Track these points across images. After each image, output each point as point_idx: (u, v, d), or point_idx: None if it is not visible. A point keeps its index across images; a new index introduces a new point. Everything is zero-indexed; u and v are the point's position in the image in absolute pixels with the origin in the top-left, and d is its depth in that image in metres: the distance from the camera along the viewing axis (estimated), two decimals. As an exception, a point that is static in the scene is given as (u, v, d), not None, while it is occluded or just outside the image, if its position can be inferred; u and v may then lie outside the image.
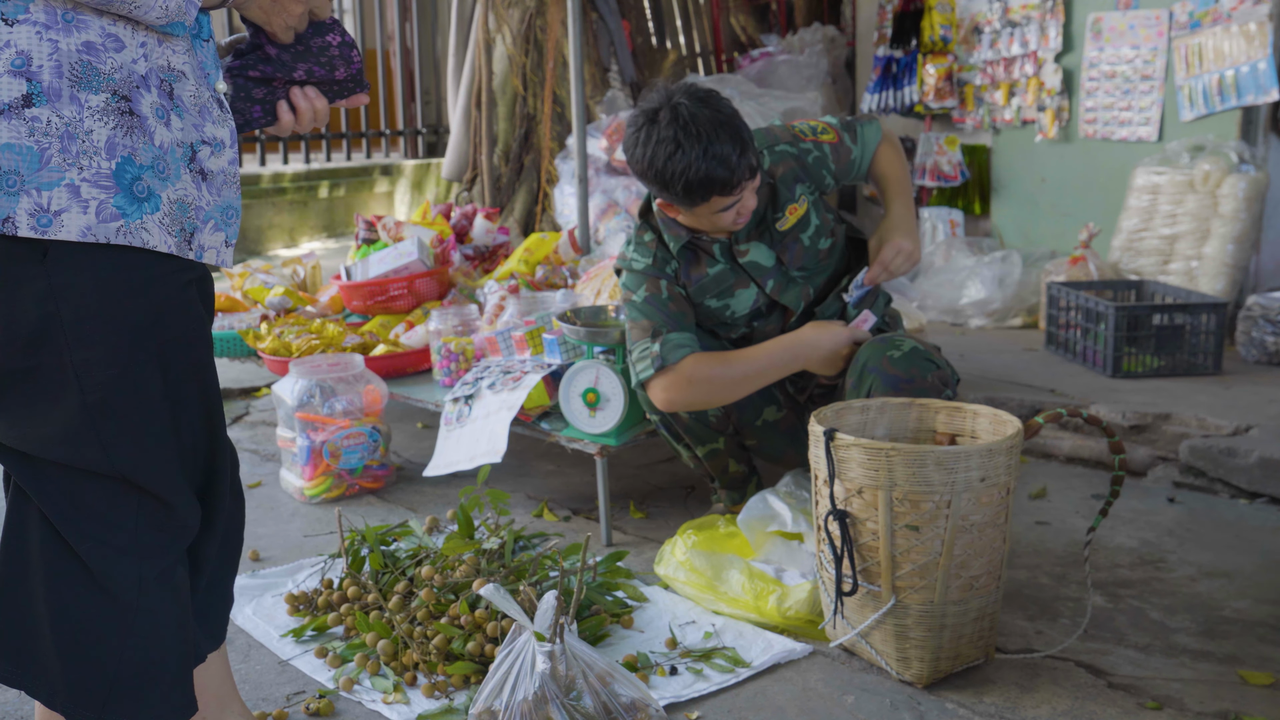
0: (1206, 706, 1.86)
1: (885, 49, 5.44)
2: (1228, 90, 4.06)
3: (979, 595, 1.92)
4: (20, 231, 1.09)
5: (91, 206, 1.12)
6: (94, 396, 1.20)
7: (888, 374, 2.20)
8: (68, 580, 1.27)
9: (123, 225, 1.14)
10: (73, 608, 1.28)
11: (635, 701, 1.75)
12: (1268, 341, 3.62)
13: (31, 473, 1.25)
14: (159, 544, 1.32)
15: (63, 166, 1.10)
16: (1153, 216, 4.18)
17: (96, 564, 1.27)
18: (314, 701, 1.92)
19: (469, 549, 2.26)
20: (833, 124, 2.47)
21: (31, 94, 1.08)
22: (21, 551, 1.29)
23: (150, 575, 1.31)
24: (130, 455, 1.25)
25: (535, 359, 2.83)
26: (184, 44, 1.21)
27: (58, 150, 1.10)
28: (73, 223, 1.11)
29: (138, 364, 1.23)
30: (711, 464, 2.58)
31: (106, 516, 1.27)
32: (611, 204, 5.17)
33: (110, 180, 1.13)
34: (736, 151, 2.15)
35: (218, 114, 1.25)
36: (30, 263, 1.13)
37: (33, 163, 1.08)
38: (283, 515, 2.91)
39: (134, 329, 1.21)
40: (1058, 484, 2.99)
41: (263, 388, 4.10)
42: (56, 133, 1.09)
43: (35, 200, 1.09)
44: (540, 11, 6.08)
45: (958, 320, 4.55)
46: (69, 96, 1.10)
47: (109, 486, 1.27)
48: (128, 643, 1.30)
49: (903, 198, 2.45)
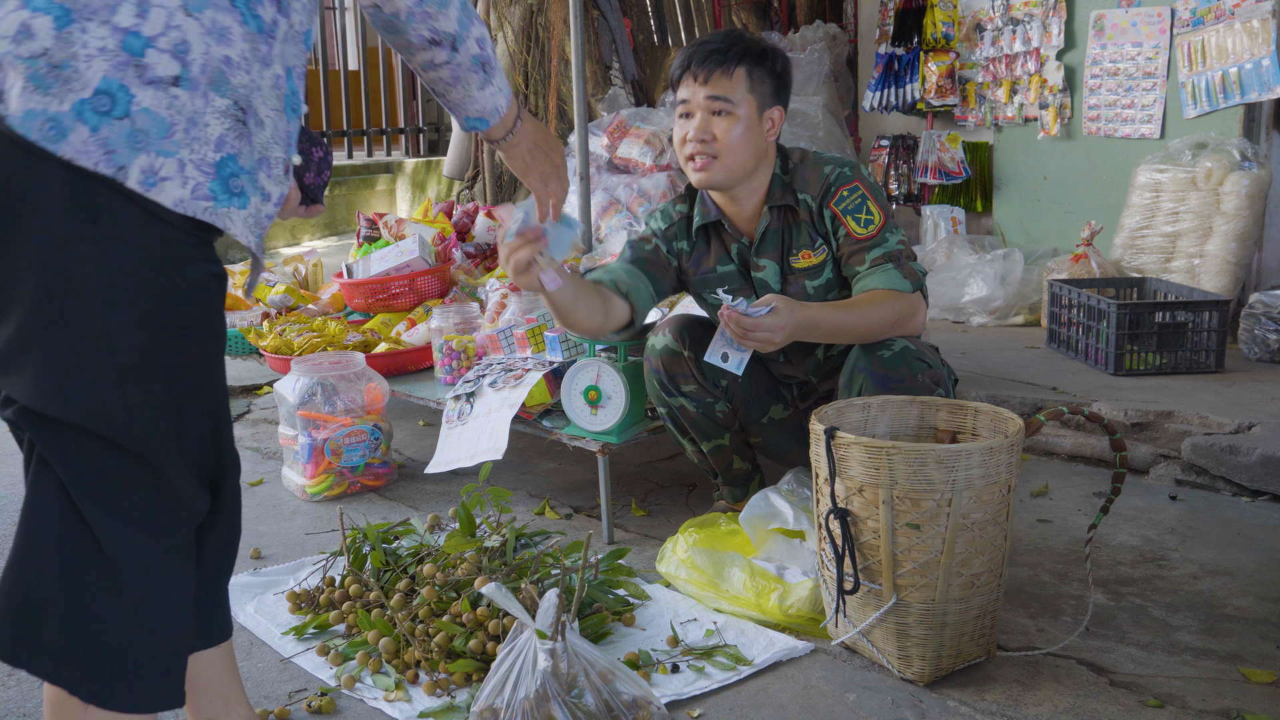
0: (1208, 704, 1.86)
1: (887, 46, 5.44)
2: (1230, 87, 4.05)
3: (980, 593, 1.92)
4: (129, 183, 1.21)
5: (189, 184, 1.25)
6: (124, 359, 1.26)
7: (877, 374, 2.20)
8: (78, 555, 1.30)
9: (210, 206, 1.27)
10: (81, 582, 1.30)
11: (637, 699, 1.75)
12: (1270, 339, 3.62)
13: (54, 437, 1.28)
14: (167, 523, 1.35)
15: (181, 144, 1.24)
16: (1155, 214, 4.17)
17: (107, 535, 1.29)
18: (316, 699, 1.93)
19: (470, 547, 2.26)
20: (886, 242, 2.28)
21: (180, 77, 1.23)
22: (37, 526, 1.32)
23: (157, 553, 1.33)
24: (150, 426, 1.29)
25: (537, 357, 2.83)
26: (276, 103, 1.36)
27: (182, 130, 1.24)
28: (171, 191, 1.24)
29: (160, 336, 1.28)
30: (716, 460, 2.58)
31: (121, 488, 1.31)
32: (613, 202, 5.17)
33: (211, 169, 1.27)
34: (742, 44, 2.29)
35: (278, 174, 1.38)
36: (82, 223, 1.22)
37: (161, 131, 1.22)
38: (284, 513, 2.92)
39: (163, 303, 1.28)
40: (1059, 482, 2.99)
41: (264, 386, 4.10)
42: (185, 115, 1.24)
43: (150, 161, 1.22)
44: (542, 9, 6.08)
45: (959, 318, 4.55)
46: (202, 92, 1.25)
47: (125, 459, 1.30)
48: (133, 620, 1.32)
49: (838, 310, 2.20)
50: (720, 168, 2.29)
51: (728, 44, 2.29)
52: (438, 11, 1.43)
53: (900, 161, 5.51)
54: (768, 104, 2.31)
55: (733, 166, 2.30)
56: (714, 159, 2.28)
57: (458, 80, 1.52)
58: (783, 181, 2.37)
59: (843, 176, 2.31)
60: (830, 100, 5.87)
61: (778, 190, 2.36)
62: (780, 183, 2.37)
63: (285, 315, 3.72)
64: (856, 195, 2.30)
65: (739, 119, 2.27)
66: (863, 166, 2.37)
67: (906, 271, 2.25)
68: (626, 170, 5.44)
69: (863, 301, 2.22)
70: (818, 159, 2.37)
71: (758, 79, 2.29)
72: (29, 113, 1.17)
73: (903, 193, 5.52)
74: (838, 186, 2.31)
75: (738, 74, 2.26)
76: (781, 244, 2.38)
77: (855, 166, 2.35)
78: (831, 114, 5.78)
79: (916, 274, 2.27)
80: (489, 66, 1.53)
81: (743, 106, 2.27)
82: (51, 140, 1.18)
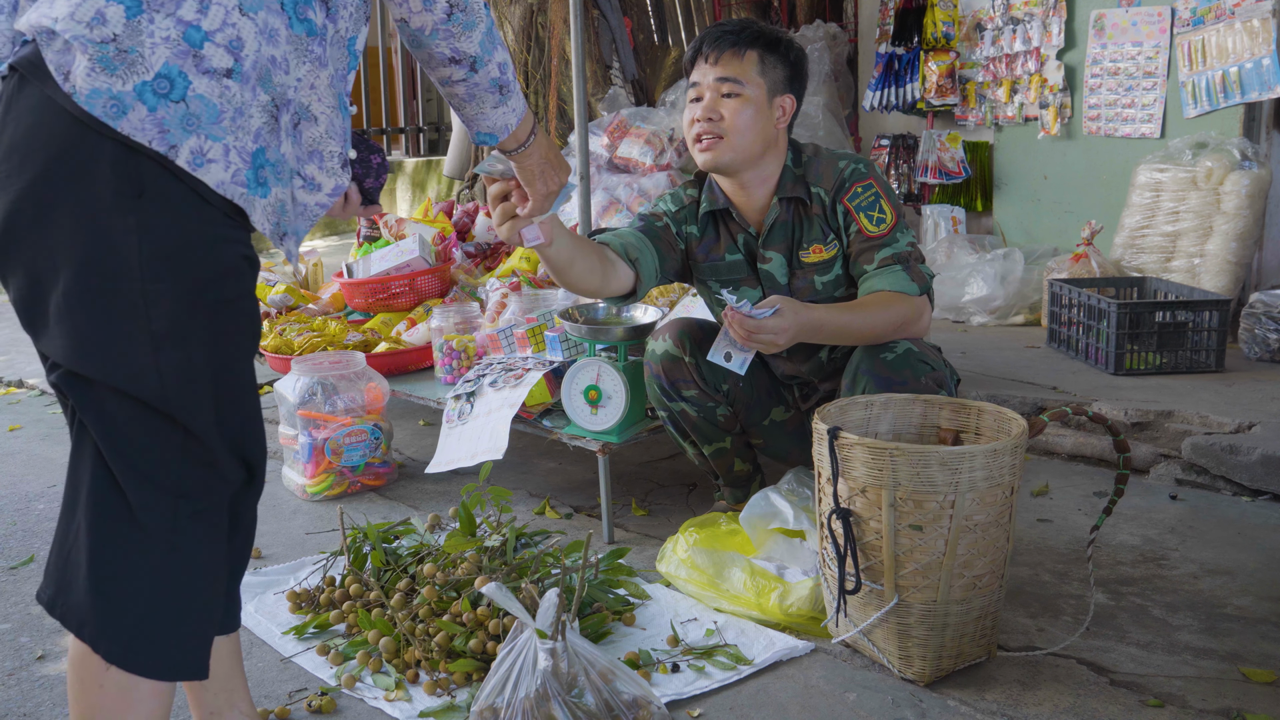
0: (1209, 704, 1.86)
1: (887, 46, 5.44)
2: (1231, 87, 4.05)
3: (982, 594, 1.92)
4: (178, 160, 1.30)
5: (231, 169, 1.34)
6: (160, 325, 1.31)
7: (880, 376, 2.19)
8: (108, 514, 1.34)
9: (245, 193, 1.36)
10: (109, 542, 1.34)
11: (637, 699, 1.75)
12: (1270, 339, 3.61)
13: (91, 397, 1.34)
14: (199, 487, 1.39)
15: (228, 129, 1.33)
16: (1155, 213, 4.17)
17: (137, 498, 1.34)
18: (316, 699, 1.92)
19: (471, 546, 2.25)
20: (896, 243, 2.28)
21: (233, 69, 1.32)
22: (75, 485, 1.38)
23: (186, 514, 1.37)
24: (182, 391, 1.34)
25: (537, 356, 2.83)
26: (332, 101, 1.46)
27: (230, 117, 1.33)
28: (215, 173, 1.32)
29: (197, 310, 1.34)
30: (717, 462, 2.58)
31: (152, 449, 1.35)
32: (613, 201, 5.17)
33: (250, 157, 1.36)
34: (755, 29, 2.30)
35: (332, 166, 1.48)
36: (129, 197, 1.29)
37: (211, 116, 1.31)
38: (284, 513, 2.91)
39: (201, 278, 1.34)
40: (1060, 481, 2.99)
41: (265, 385, 4.09)
42: (234, 104, 1.32)
43: (200, 143, 1.31)
44: (542, 8, 6.08)
45: (960, 318, 4.55)
46: (252, 86, 1.34)
47: (158, 422, 1.35)
48: (159, 584, 1.36)
49: (843, 312, 2.19)
50: (726, 148, 2.28)
51: (741, 27, 2.31)
52: (462, 33, 1.52)
53: (900, 161, 5.51)
54: (779, 91, 2.30)
55: (739, 147, 2.28)
56: (720, 139, 2.27)
57: (473, 99, 1.60)
58: (794, 174, 2.35)
59: (858, 173, 2.31)
60: (831, 100, 5.86)
61: (789, 182, 2.35)
62: (792, 175, 2.35)
63: (285, 315, 3.72)
64: (870, 193, 2.29)
65: (748, 100, 2.26)
66: (876, 165, 2.37)
67: (914, 274, 2.25)
68: (627, 170, 5.44)
69: (868, 303, 2.22)
70: (832, 154, 2.36)
71: (770, 64, 2.29)
72: (95, 91, 1.26)
73: (903, 192, 5.51)
74: (852, 182, 2.30)
75: (749, 56, 2.27)
76: (790, 237, 2.37)
77: (870, 164, 2.35)
78: (832, 113, 5.78)
79: (924, 277, 2.27)
80: (506, 90, 1.61)
81: (752, 88, 2.26)
82: (113, 117, 1.26)
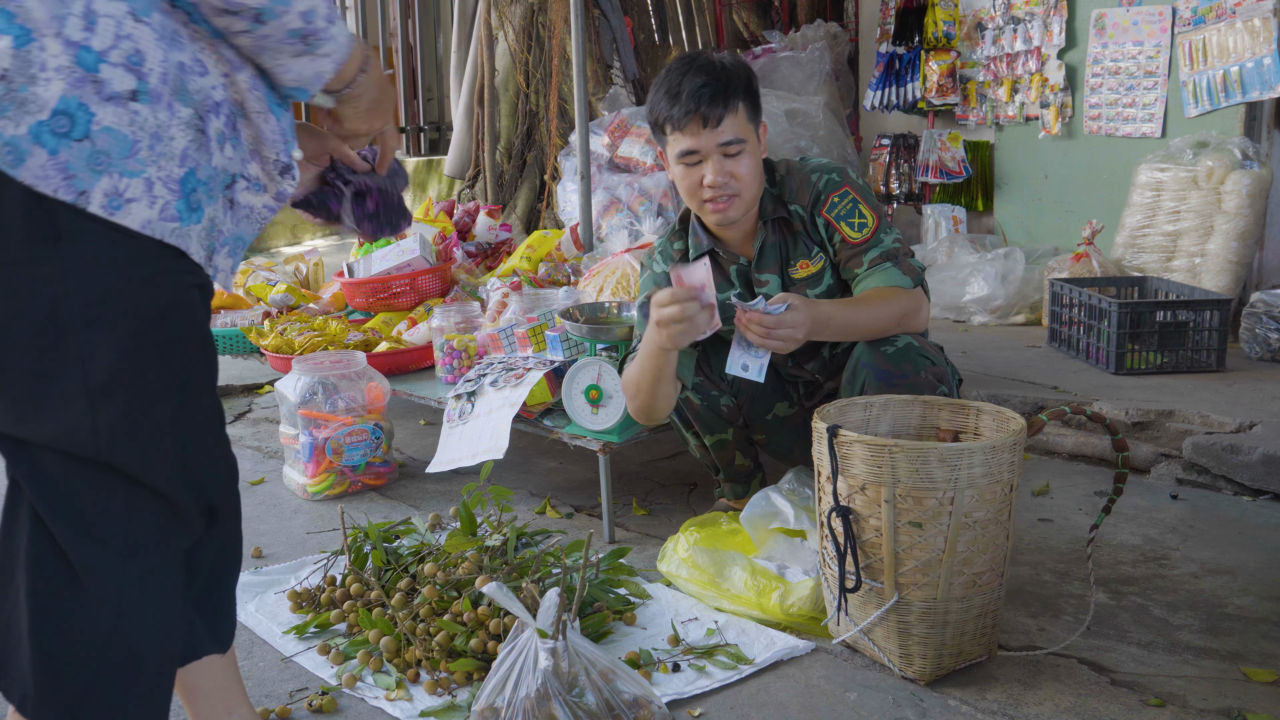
0: (1209, 703, 1.86)
1: (888, 45, 5.43)
2: (1232, 86, 4.05)
3: (982, 592, 1.92)
4: (90, 208, 1.16)
5: (158, 204, 1.20)
6: (97, 379, 1.21)
7: (880, 369, 2.21)
8: (50, 577, 1.25)
9: (177, 227, 1.22)
10: (53, 606, 1.25)
11: (638, 698, 1.75)
12: (1271, 338, 3.61)
13: (25, 460, 1.25)
14: (151, 540, 1.29)
15: (146, 161, 1.18)
16: (1156, 213, 4.17)
17: (78, 556, 1.25)
18: (317, 698, 1.93)
19: (471, 546, 2.26)
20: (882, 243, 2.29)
21: (138, 90, 1.17)
22: (11, 549, 1.28)
23: (135, 573, 1.28)
24: (128, 445, 1.25)
25: (538, 356, 2.83)
26: (263, 97, 1.32)
27: (146, 146, 1.18)
28: (138, 213, 1.19)
29: (141, 354, 1.23)
30: (718, 455, 2.59)
31: (95, 507, 1.26)
32: (614, 201, 5.17)
33: (177, 185, 1.22)
34: (725, 76, 2.23)
35: (270, 170, 1.34)
36: (43, 244, 1.16)
37: (123, 150, 1.16)
38: (285, 512, 2.92)
39: (140, 319, 1.23)
40: (1060, 481, 2.99)
41: (265, 385, 4.10)
42: (149, 130, 1.18)
43: (114, 183, 1.17)
44: (543, 8, 6.08)
45: (960, 317, 4.55)
46: (167, 103, 1.20)
47: (100, 476, 1.25)
48: (108, 644, 1.27)
49: (848, 307, 2.22)
50: (741, 203, 2.30)
51: (716, 80, 2.22)
52: None
53: (901, 161, 5.50)
54: (757, 124, 2.32)
55: (750, 198, 2.31)
56: (736, 196, 2.28)
57: (264, 50, 1.29)
58: (773, 195, 2.38)
59: (831, 183, 2.33)
60: (831, 99, 5.86)
61: (769, 204, 2.37)
62: (770, 196, 2.38)
63: (286, 314, 3.72)
64: (848, 200, 2.31)
65: (750, 151, 2.27)
66: (849, 169, 2.37)
67: (905, 268, 2.27)
68: (627, 169, 5.44)
69: (870, 298, 2.24)
70: (802, 167, 2.38)
71: (749, 104, 2.28)
72: None
73: (904, 192, 5.51)
74: (827, 193, 2.32)
75: (740, 110, 2.24)
76: (780, 256, 2.39)
77: (842, 170, 2.36)
78: (832, 113, 5.78)
79: (915, 270, 2.29)
80: (314, 37, 1.29)
81: (749, 139, 2.27)
82: (10, 165, 1.12)
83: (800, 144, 5.46)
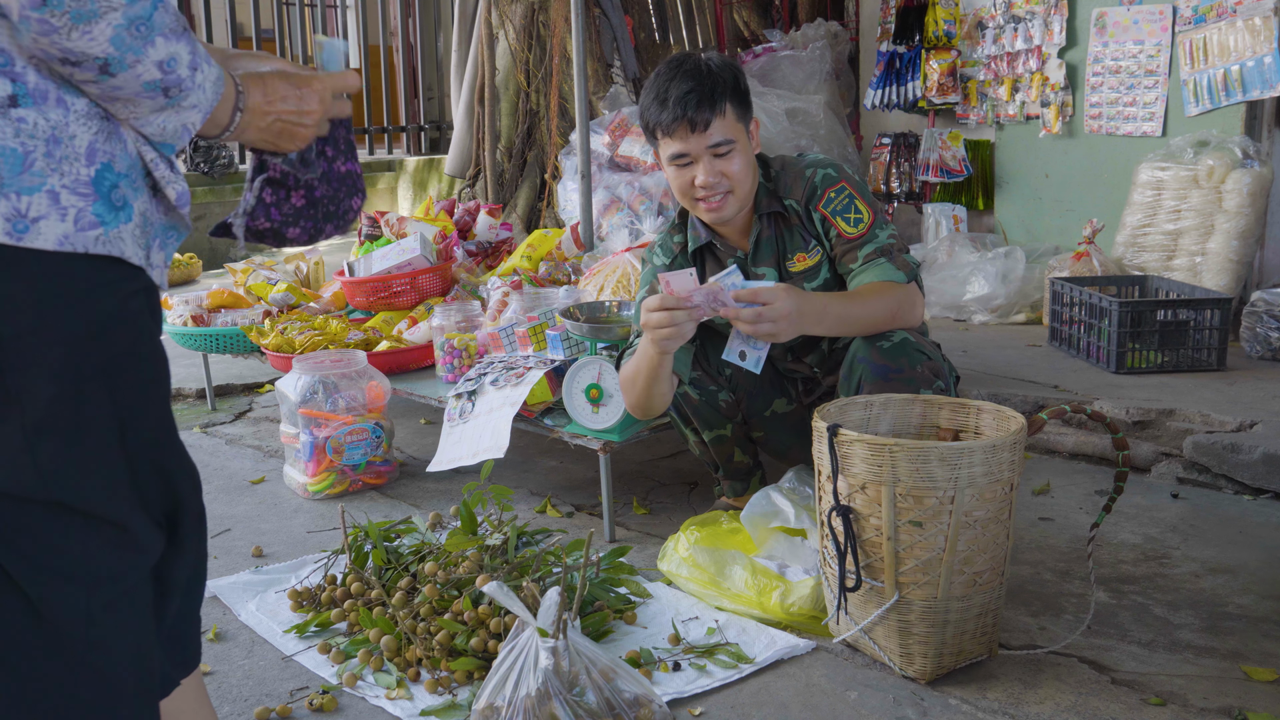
0: (1210, 703, 1.86)
1: (889, 44, 5.43)
2: (1233, 85, 4.05)
3: (982, 591, 1.92)
4: None
5: (70, 214, 1.07)
6: (34, 415, 1.11)
7: (876, 364, 2.21)
8: (10, 616, 1.17)
9: (101, 234, 1.10)
10: (17, 651, 1.18)
11: (638, 697, 1.75)
12: (1272, 337, 3.61)
13: None
14: (111, 571, 1.22)
15: (45, 171, 1.06)
16: (1157, 212, 4.17)
17: (37, 593, 1.17)
18: (317, 697, 1.93)
19: (472, 545, 2.26)
20: (876, 239, 2.30)
21: (17, 94, 1.04)
22: None
23: (99, 605, 1.21)
24: (71, 479, 1.16)
25: (538, 355, 2.83)
26: None
27: (42, 154, 1.06)
28: (50, 230, 1.06)
29: (80, 379, 1.13)
30: (717, 451, 2.59)
31: (50, 543, 1.18)
32: (614, 200, 5.17)
33: (89, 187, 1.09)
34: (712, 79, 2.23)
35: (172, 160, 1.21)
36: None
37: (15, 166, 1.04)
38: (286, 511, 2.92)
39: (73, 342, 1.12)
40: (1061, 480, 2.99)
41: (266, 384, 4.10)
42: (42, 135, 1.06)
43: (14, 205, 1.04)
44: (543, 7, 6.08)
45: (961, 316, 4.55)
46: (55, 99, 1.07)
47: (51, 512, 1.17)
48: (80, 679, 1.20)
49: (842, 300, 2.22)
50: (734, 201, 2.32)
51: (703, 84, 2.24)
52: (71, 28, 1.03)
53: (902, 159, 5.50)
54: (748, 121, 2.33)
55: (744, 194, 2.33)
56: (729, 194, 2.30)
57: (116, 100, 1.12)
58: (768, 189, 2.40)
59: (827, 178, 2.34)
60: (832, 98, 5.86)
61: (764, 199, 2.39)
62: (765, 190, 2.39)
63: (287, 313, 3.72)
64: (844, 195, 2.32)
65: (741, 149, 2.29)
66: (845, 165, 2.38)
67: (899, 264, 2.29)
68: (628, 168, 5.44)
69: (865, 292, 2.26)
70: (798, 163, 2.40)
71: (736, 104, 2.29)
72: None
73: (904, 191, 5.51)
74: (824, 188, 2.34)
75: (727, 110, 2.26)
76: (777, 250, 2.40)
77: (838, 166, 2.37)
78: (833, 112, 5.78)
79: (909, 265, 2.31)
80: (176, 89, 1.13)
81: (739, 138, 2.29)
82: None
83: (801, 143, 5.46)
